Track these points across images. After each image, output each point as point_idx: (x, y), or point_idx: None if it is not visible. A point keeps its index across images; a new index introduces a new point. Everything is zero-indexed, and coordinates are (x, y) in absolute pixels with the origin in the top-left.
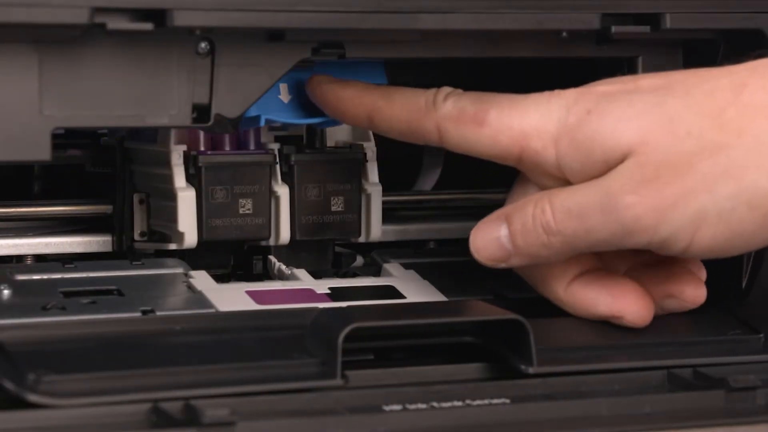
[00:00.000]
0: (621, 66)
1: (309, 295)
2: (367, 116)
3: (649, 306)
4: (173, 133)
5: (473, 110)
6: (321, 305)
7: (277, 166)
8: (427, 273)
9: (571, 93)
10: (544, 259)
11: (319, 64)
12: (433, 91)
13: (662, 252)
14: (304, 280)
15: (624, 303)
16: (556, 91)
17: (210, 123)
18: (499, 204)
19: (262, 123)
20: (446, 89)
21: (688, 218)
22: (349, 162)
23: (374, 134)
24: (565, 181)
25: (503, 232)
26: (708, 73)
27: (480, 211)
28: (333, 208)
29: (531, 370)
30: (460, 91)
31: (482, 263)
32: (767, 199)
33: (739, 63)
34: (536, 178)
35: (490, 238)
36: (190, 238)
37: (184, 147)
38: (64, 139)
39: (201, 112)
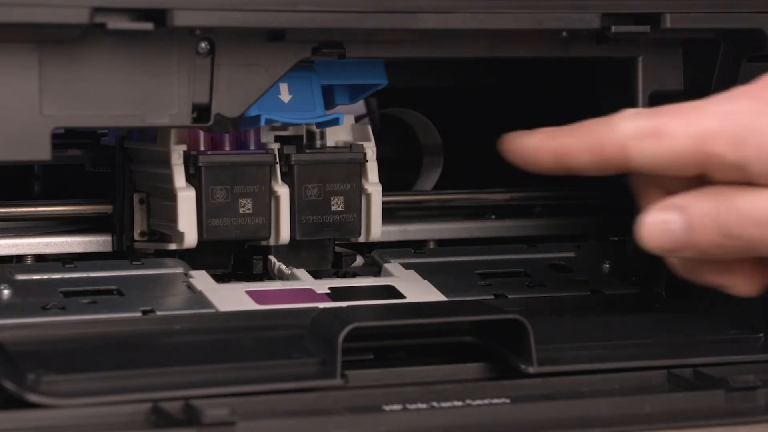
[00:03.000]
0: (621, 66)
1: (309, 295)
2: (556, 159)
3: (761, 278)
4: (173, 133)
5: (650, 124)
6: (321, 305)
7: (277, 166)
8: (427, 273)
9: (750, 91)
10: (716, 257)
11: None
12: (611, 116)
13: None
14: (304, 280)
15: (736, 274)
16: (734, 91)
17: (210, 123)
18: (499, 204)
19: (262, 123)
20: (626, 111)
21: None
22: (349, 162)
23: (374, 134)
24: (750, 182)
25: (677, 224)
26: None
27: (480, 211)
28: (333, 208)
29: (531, 370)
30: (639, 110)
31: (651, 251)
32: None
33: (740, 63)
34: (716, 178)
35: (663, 228)
36: (190, 238)
37: (184, 147)
38: (64, 139)
39: (201, 111)
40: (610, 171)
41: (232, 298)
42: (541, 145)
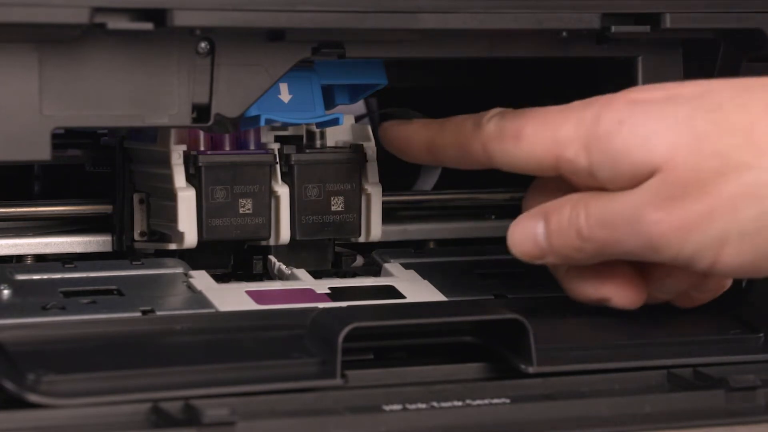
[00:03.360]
0: (621, 66)
1: (309, 295)
2: (426, 149)
3: (638, 290)
4: (173, 133)
5: (512, 127)
6: (321, 305)
7: (277, 166)
8: (427, 273)
9: (605, 99)
10: (578, 261)
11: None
12: (480, 114)
13: (690, 269)
14: (304, 280)
15: (610, 287)
16: (592, 99)
17: (210, 123)
18: (499, 204)
19: (262, 123)
20: (492, 111)
21: (711, 238)
22: (349, 162)
23: (374, 134)
24: (601, 186)
25: (540, 229)
26: (745, 85)
27: (480, 211)
28: (333, 208)
29: (531, 370)
30: (505, 110)
31: (518, 258)
32: None
33: (740, 63)
34: (575, 183)
35: (528, 235)
36: (190, 238)
37: (184, 147)
38: (64, 139)
39: (201, 111)
40: (477, 166)
41: (232, 298)
42: (413, 136)
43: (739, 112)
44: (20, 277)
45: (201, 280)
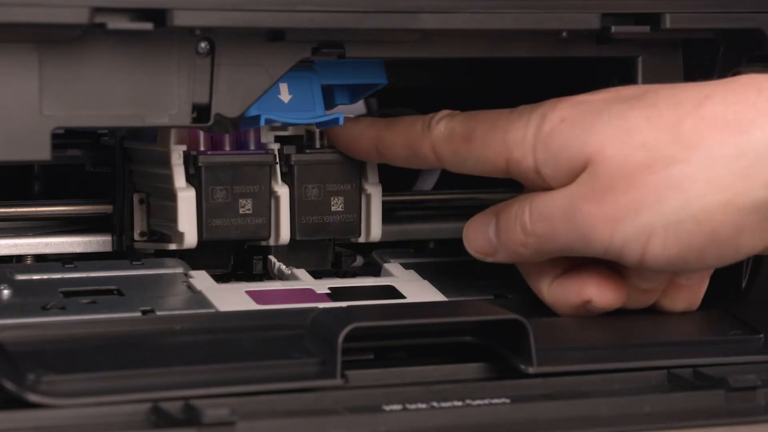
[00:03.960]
0: (621, 66)
1: (309, 295)
2: (374, 148)
3: (618, 288)
4: (173, 133)
5: (462, 129)
6: (321, 305)
7: (277, 166)
8: (427, 273)
9: (551, 102)
10: (524, 257)
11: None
12: (429, 115)
13: (622, 262)
14: (304, 280)
15: (590, 287)
16: (541, 102)
17: (210, 123)
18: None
19: (262, 123)
20: (441, 113)
21: (638, 229)
22: (349, 162)
23: None
24: (547, 186)
25: (492, 227)
26: (682, 85)
27: (480, 212)
28: (333, 208)
29: (531, 370)
30: (454, 112)
31: (471, 255)
32: (713, 214)
33: (740, 63)
34: (525, 184)
35: (480, 232)
36: (190, 239)
37: (184, 147)
38: (64, 139)
39: (201, 111)
40: (425, 167)
41: (232, 298)
42: (361, 134)
43: (671, 108)
44: (20, 277)
45: (201, 280)
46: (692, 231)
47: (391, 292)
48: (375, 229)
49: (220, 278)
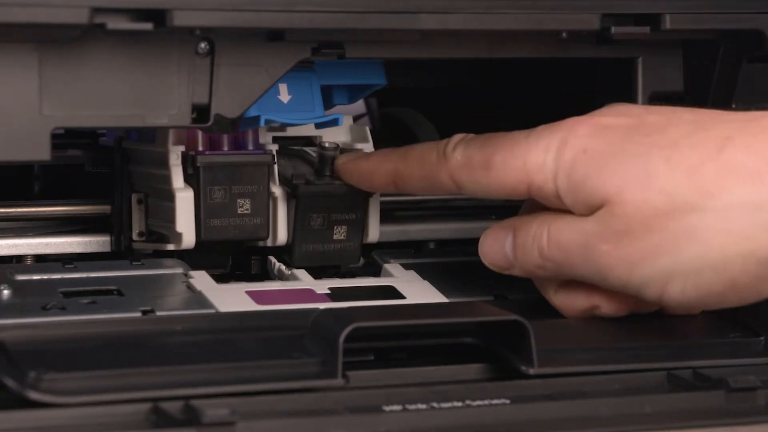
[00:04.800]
0: (621, 66)
1: (309, 295)
2: (391, 182)
3: (625, 298)
4: (171, 134)
5: (480, 156)
6: (321, 305)
7: (275, 167)
8: (427, 273)
9: (570, 123)
10: (540, 277)
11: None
12: (443, 142)
13: (641, 297)
14: (304, 280)
15: (598, 294)
16: (559, 123)
17: (210, 123)
18: (498, 205)
19: (262, 123)
20: (455, 139)
21: (656, 273)
22: (357, 194)
23: (372, 135)
24: (568, 209)
25: (509, 242)
26: (703, 121)
27: (480, 211)
28: (335, 237)
29: (531, 371)
30: (469, 137)
31: (489, 267)
32: (733, 264)
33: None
34: (547, 205)
35: (497, 246)
36: (188, 239)
37: (182, 147)
38: (63, 139)
39: (201, 112)
40: (445, 193)
41: (232, 298)
42: (376, 169)
43: (692, 149)
44: (20, 277)
45: (201, 280)
46: (711, 279)
47: (391, 292)
48: (373, 231)
49: (218, 278)
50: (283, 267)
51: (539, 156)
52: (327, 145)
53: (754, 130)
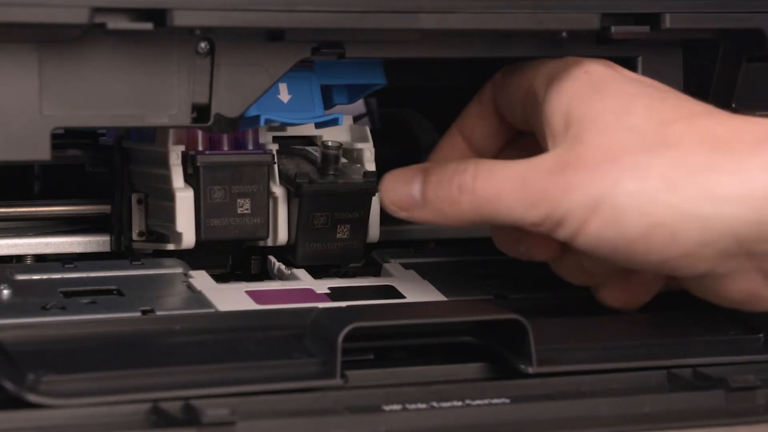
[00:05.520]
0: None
1: (309, 295)
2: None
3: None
4: (171, 133)
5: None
6: (321, 305)
7: (275, 166)
8: (427, 273)
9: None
10: (447, 218)
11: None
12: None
13: (555, 234)
14: (303, 280)
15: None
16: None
17: (210, 123)
18: None
19: (262, 123)
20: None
21: (585, 201)
22: (360, 193)
23: (372, 135)
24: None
25: (417, 181)
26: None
27: None
28: (339, 236)
29: (531, 370)
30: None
31: (385, 208)
32: (657, 211)
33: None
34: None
35: (402, 184)
36: (188, 239)
37: (182, 147)
38: (64, 139)
39: (201, 111)
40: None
41: (231, 298)
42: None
43: (674, 109)
44: (20, 277)
45: (201, 280)
46: (633, 221)
47: (391, 292)
48: (373, 230)
49: (218, 278)
50: (283, 267)
51: (548, 62)
52: (330, 143)
53: (740, 121)
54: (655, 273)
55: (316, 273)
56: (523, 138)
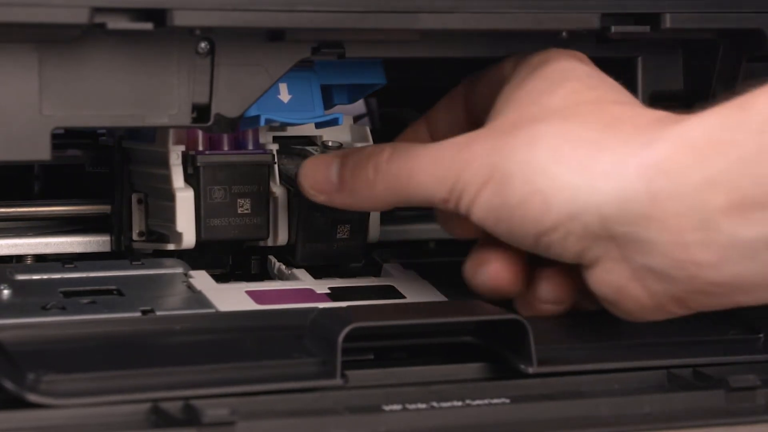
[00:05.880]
0: (621, 66)
1: (309, 295)
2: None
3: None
4: (171, 133)
5: None
6: (321, 305)
7: (275, 166)
8: (427, 273)
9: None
10: (364, 200)
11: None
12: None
13: (459, 209)
14: (304, 280)
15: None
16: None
17: (210, 123)
18: None
19: (262, 123)
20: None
21: (482, 170)
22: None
23: (372, 135)
24: None
25: (335, 165)
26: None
27: None
28: (339, 236)
29: (531, 370)
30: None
31: (304, 192)
32: (539, 177)
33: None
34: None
35: (321, 168)
36: (189, 239)
37: (182, 147)
38: (64, 139)
39: (201, 111)
40: None
41: (232, 298)
42: None
43: (591, 90)
44: (20, 277)
45: (201, 280)
46: (515, 188)
47: (391, 292)
48: (373, 230)
49: (218, 278)
50: (283, 267)
51: None
52: (331, 143)
53: (643, 111)
54: (535, 251)
55: (316, 273)
56: None
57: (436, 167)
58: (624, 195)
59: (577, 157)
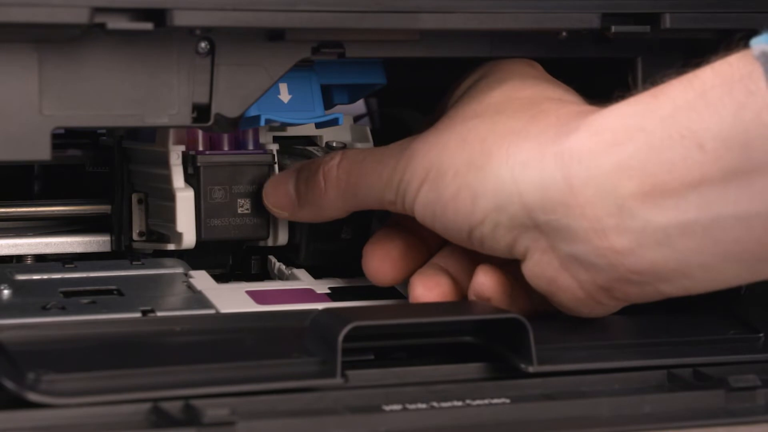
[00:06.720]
0: (621, 66)
1: (309, 295)
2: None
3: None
4: (172, 133)
5: None
6: (321, 305)
7: (276, 166)
8: None
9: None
10: (320, 210)
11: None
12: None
13: (405, 209)
14: (304, 280)
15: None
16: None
17: (210, 123)
18: None
19: (262, 123)
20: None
21: (420, 167)
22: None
23: (373, 135)
24: None
25: (291, 179)
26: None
27: None
28: (343, 235)
29: (531, 370)
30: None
31: (270, 212)
32: (468, 171)
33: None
34: None
35: (280, 186)
36: (189, 239)
37: (182, 147)
38: (64, 139)
39: (201, 111)
40: None
41: (232, 298)
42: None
43: (521, 84)
44: (20, 277)
45: (201, 280)
46: (447, 182)
47: (391, 292)
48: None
49: (218, 278)
50: (283, 267)
51: None
52: (335, 144)
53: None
54: (472, 247)
55: (317, 273)
56: None
57: (383, 169)
58: (543, 183)
59: (502, 148)
